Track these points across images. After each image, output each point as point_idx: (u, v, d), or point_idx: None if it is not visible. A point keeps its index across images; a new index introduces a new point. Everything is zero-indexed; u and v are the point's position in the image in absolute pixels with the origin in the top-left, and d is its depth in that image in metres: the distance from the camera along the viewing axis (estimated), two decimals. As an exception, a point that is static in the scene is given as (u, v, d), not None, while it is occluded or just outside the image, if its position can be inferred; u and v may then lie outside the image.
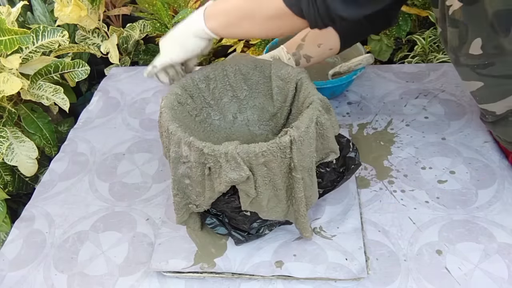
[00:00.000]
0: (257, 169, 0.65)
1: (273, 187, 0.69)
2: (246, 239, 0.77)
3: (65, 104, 1.17)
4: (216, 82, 0.84)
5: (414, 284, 0.71)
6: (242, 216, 0.74)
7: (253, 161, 0.64)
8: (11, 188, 1.20)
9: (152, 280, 0.76)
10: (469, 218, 0.80)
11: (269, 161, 0.65)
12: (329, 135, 0.71)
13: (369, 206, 0.84)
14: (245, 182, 0.66)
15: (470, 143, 0.95)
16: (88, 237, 0.84)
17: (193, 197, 0.72)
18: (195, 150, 0.66)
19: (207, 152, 0.65)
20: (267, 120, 0.87)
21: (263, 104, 0.86)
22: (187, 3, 1.38)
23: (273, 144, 0.64)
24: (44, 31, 1.16)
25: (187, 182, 0.71)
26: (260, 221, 0.75)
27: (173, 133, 0.69)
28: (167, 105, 0.75)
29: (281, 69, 0.80)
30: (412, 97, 1.08)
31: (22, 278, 0.79)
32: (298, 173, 0.67)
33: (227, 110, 0.87)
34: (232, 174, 0.64)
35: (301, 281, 0.73)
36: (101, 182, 0.96)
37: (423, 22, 1.45)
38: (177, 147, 0.68)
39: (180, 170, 0.70)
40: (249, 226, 0.75)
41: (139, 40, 1.49)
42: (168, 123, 0.71)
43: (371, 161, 0.93)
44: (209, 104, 0.85)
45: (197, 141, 0.66)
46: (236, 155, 0.63)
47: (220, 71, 0.84)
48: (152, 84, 1.23)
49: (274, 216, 0.72)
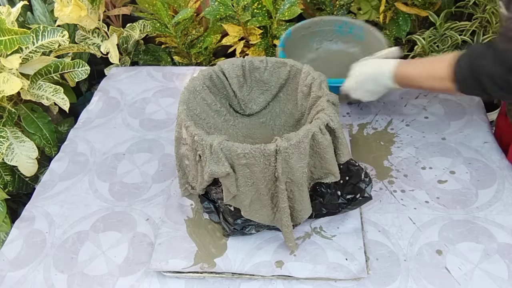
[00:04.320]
0: (239, 169, 0.66)
1: (256, 190, 0.69)
2: (231, 233, 0.79)
3: (65, 104, 1.17)
4: (251, 83, 0.86)
5: (414, 284, 0.71)
6: (227, 208, 0.75)
7: (235, 160, 0.65)
8: (11, 188, 1.20)
9: (152, 280, 0.76)
10: (469, 218, 0.80)
11: (251, 164, 0.65)
12: (327, 156, 0.69)
13: (369, 206, 0.84)
14: (226, 178, 0.67)
15: (470, 143, 0.95)
16: (88, 237, 0.84)
17: (190, 178, 0.76)
18: (189, 135, 0.68)
19: (197, 140, 0.67)
20: (291, 126, 0.87)
21: (291, 110, 0.86)
22: (187, 3, 1.38)
23: (257, 149, 0.64)
24: (44, 31, 1.16)
25: (187, 163, 0.75)
26: (244, 219, 0.75)
27: (179, 114, 0.72)
28: (189, 87, 0.78)
29: (308, 75, 0.79)
30: (412, 97, 1.08)
31: (22, 278, 0.79)
32: (281, 183, 0.66)
33: (257, 107, 0.88)
34: (213, 166, 0.66)
35: (301, 281, 0.73)
36: (101, 182, 0.95)
37: (423, 22, 1.45)
38: (179, 128, 0.72)
39: (181, 150, 0.74)
40: (233, 221, 0.76)
41: (139, 40, 1.49)
42: (181, 103, 0.75)
43: (371, 161, 0.93)
44: (238, 98, 0.86)
45: (192, 127, 0.68)
46: (219, 150, 0.65)
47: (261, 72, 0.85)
48: (152, 84, 1.23)
49: (257, 218, 0.72)
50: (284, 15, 1.27)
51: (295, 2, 1.27)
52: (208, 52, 1.45)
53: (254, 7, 1.30)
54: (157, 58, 1.51)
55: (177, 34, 1.39)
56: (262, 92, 0.87)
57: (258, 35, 1.34)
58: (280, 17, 1.28)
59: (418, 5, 1.35)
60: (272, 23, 1.32)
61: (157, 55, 1.52)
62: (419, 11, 1.34)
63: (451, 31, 1.31)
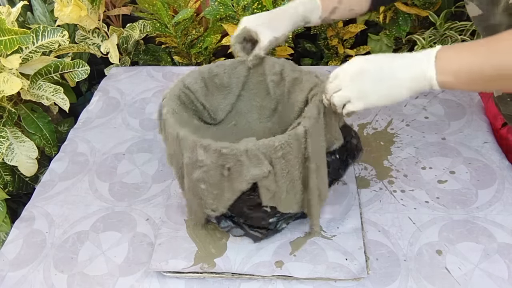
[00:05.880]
0: (276, 163, 0.66)
1: (290, 180, 0.70)
2: (265, 236, 0.78)
3: (65, 104, 1.17)
4: (214, 86, 0.85)
5: (414, 284, 0.71)
6: (262, 212, 0.73)
7: (272, 155, 0.65)
8: (11, 188, 1.20)
9: (152, 280, 0.76)
10: (469, 218, 0.80)
11: (287, 153, 0.66)
12: (332, 122, 0.72)
13: (369, 206, 0.84)
14: (267, 177, 0.66)
15: (470, 143, 0.95)
16: (88, 237, 0.84)
17: (209, 201, 0.71)
18: (212, 152, 0.65)
19: (226, 152, 0.64)
20: (268, 117, 0.87)
21: (261, 102, 0.86)
22: (187, 3, 1.38)
23: (290, 136, 0.65)
24: (44, 31, 1.16)
25: (203, 187, 0.69)
26: (278, 215, 0.75)
27: (185, 138, 0.67)
28: (169, 110, 0.74)
29: (275, 63, 0.81)
30: (412, 97, 1.08)
31: (22, 278, 0.79)
32: (312, 162, 0.68)
33: (223, 114, 0.87)
34: (254, 170, 0.65)
35: (301, 281, 0.73)
36: (101, 182, 0.95)
37: (423, 22, 1.45)
38: (191, 152, 0.67)
39: (195, 175, 0.68)
40: (267, 223, 0.76)
41: (139, 40, 1.49)
42: (176, 129, 0.69)
43: (371, 161, 0.93)
44: (206, 108, 0.84)
45: (214, 143, 0.65)
46: (257, 151, 0.64)
47: (213, 74, 0.84)
48: (152, 84, 1.23)
49: (291, 208, 0.73)
50: (284, 15, 1.27)
51: (295, 2, 1.27)
52: (208, 52, 1.45)
53: (254, 7, 1.30)
54: (157, 58, 1.51)
55: (177, 34, 1.39)
56: (224, 97, 0.86)
57: (258, 35, 1.34)
58: (280, 17, 1.28)
59: (418, 5, 1.35)
60: (272, 23, 1.32)
61: (157, 55, 1.52)
62: (419, 11, 1.34)
63: (451, 31, 1.31)
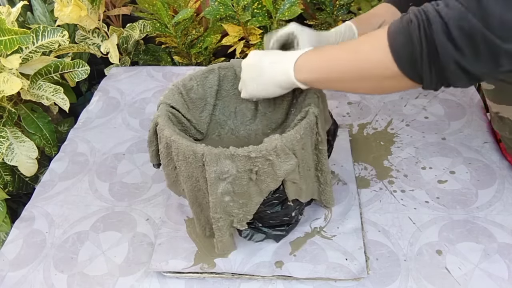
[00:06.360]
0: (298, 154, 0.67)
1: (308, 168, 0.71)
2: (287, 231, 0.79)
3: (65, 104, 1.17)
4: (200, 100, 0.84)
5: (414, 284, 0.71)
6: (285, 208, 0.73)
7: (296, 147, 0.66)
8: (11, 188, 1.20)
9: (152, 280, 0.76)
10: (469, 218, 0.80)
11: (305, 143, 0.68)
12: (325, 107, 0.77)
13: (369, 206, 0.84)
14: (294, 171, 0.67)
15: (470, 143, 0.95)
16: (88, 237, 0.84)
17: (235, 212, 0.70)
18: (240, 159, 0.64)
19: (255, 155, 0.63)
20: (251, 118, 0.86)
21: (240, 106, 0.86)
22: (187, 3, 1.38)
23: (305, 126, 0.67)
24: (44, 31, 1.16)
25: (227, 199, 0.68)
26: (298, 207, 0.76)
27: (207, 154, 0.64)
28: (172, 133, 0.70)
29: None
30: (412, 97, 1.08)
31: (22, 278, 0.79)
32: (324, 145, 0.72)
33: (205, 126, 0.86)
34: (286, 165, 0.65)
35: (301, 281, 0.73)
36: (101, 182, 0.96)
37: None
38: (215, 165, 0.65)
39: (219, 189, 0.66)
40: (290, 219, 0.76)
41: (139, 40, 1.48)
42: (192, 146, 0.66)
43: (371, 161, 0.93)
44: (193, 124, 0.83)
45: (240, 150, 0.64)
46: (284, 146, 0.64)
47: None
48: (152, 84, 1.23)
49: (309, 196, 0.75)
50: (284, 15, 1.27)
51: (295, 2, 1.27)
52: (208, 52, 1.45)
53: (254, 7, 1.30)
54: (157, 58, 1.51)
55: (177, 34, 1.39)
56: (202, 109, 0.84)
57: (258, 35, 1.34)
58: (280, 17, 1.28)
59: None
60: (272, 23, 1.32)
61: (157, 55, 1.52)
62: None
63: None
